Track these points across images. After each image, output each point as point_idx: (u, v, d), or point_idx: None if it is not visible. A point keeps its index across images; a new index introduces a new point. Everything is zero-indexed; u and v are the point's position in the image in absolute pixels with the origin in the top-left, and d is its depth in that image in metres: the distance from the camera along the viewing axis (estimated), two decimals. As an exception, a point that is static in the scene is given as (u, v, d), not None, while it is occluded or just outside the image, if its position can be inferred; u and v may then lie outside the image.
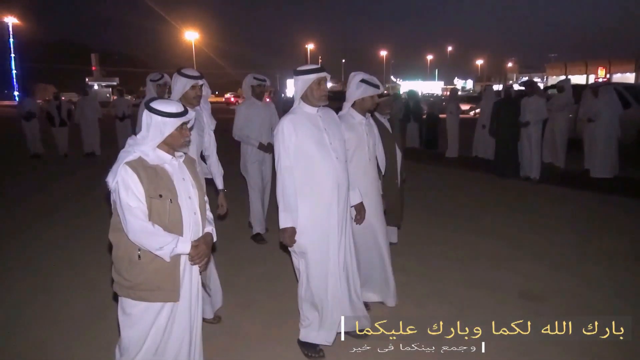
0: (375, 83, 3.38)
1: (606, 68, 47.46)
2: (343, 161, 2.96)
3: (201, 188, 2.40)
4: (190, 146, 3.17)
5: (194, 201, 2.31)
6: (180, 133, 2.23)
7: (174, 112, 2.19)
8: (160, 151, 2.23)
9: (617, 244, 5.14)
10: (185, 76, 3.21)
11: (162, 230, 2.15)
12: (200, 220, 2.34)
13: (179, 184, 2.25)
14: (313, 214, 2.87)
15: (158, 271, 2.20)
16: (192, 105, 3.23)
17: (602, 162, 8.41)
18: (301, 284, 3.01)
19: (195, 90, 3.22)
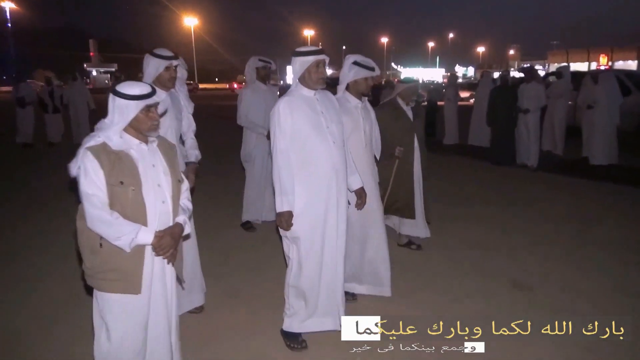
0: (369, 65, 3.27)
1: (608, 56, 47.06)
2: (340, 146, 2.86)
3: (175, 175, 2.28)
4: (168, 131, 3.07)
5: (163, 189, 2.19)
6: (147, 116, 2.11)
7: (138, 94, 2.07)
8: (127, 136, 2.12)
9: (614, 234, 5.04)
10: (158, 57, 3.03)
11: (122, 219, 2.05)
12: (171, 209, 2.23)
13: (146, 171, 2.13)
14: (308, 199, 2.78)
15: (119, 261, 2.10)
16: (167, 88, 3.09)
17: (600, 150, 8.28)
18: (290, 270, 2.92)
19: (169, 71, 3.05)
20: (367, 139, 3.38)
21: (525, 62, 59.52)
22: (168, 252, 2.19)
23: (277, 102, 2.81)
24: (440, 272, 4.11)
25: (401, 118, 4.16)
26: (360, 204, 3.17)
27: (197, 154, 3.34)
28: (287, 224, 2.76)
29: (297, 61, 2.78)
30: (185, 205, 2.36)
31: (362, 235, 3.40)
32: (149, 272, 2.18)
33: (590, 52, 49.93)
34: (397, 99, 4.22)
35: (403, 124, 4.15)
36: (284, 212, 2.74)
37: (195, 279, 3.34)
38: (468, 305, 3.51)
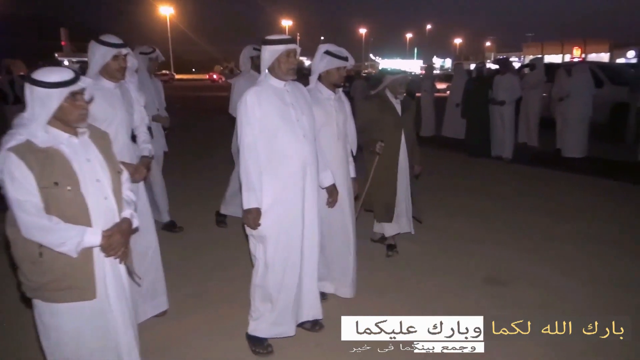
0: (342, 55, 3.12)
1: (582, 48, 47.94)
2: (311, 140, 2.72)
3: (114, 168, 2.10)
4: (120, 127, 2.88)
5: (104, 184, 2.01)
6: (73, 105, 1.91)
7: (59, 80, 1.86)
8: (53, 130, 1.92)
9: (587, 227, 5.04)
10: (105, 44, 2.80)
11: (63, 223, 1.87)
12: (115, 205, 2.05)
13: (81, 167, 1.94)
14: (276, 196, 2.63)
15: (67, 268, 1.93)
16: (116, 79, 2.87)
17: (573, 142, 8.31)
18: (256, 271, 2.78)
19: (118, 61, 2.83)
20: (339, 133, 3.24)
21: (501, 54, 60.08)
22: (119, 251, 2.02)
23: (244, 93, 2.65)
24: (413, 268, 4.02)
25: (388, 112, 3.96)
26: (331, 202, 3.05)
27: (150, 149, 3.14)
28: (255, 222, 2.61)
29: (267, 50, 2.63)
30: (129, 198, 2.19)
31: (331, 233, 3.27)
32: (101, 273, 2.02)
33: (564, 44, 50.76)
34: (385, 91, 4.02)
35: (390, 118, 3.95)
36: (252, 209, 2.60)
37: (159, 281, 3.17)
38: (440, 304, 3.43)
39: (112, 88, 2.88)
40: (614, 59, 42.14)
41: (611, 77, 10.51)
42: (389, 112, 3.96)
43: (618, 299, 3.50)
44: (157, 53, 4.68)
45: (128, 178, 2.26)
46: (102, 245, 1.97)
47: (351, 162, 3.42)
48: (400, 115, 3.98)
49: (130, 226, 2.11)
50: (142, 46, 4.68)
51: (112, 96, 2.87)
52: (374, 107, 3.96)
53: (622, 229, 4.97)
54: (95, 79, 2.81)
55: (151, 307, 3.12)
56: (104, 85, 2.85)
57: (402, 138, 4.00)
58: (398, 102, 3.99)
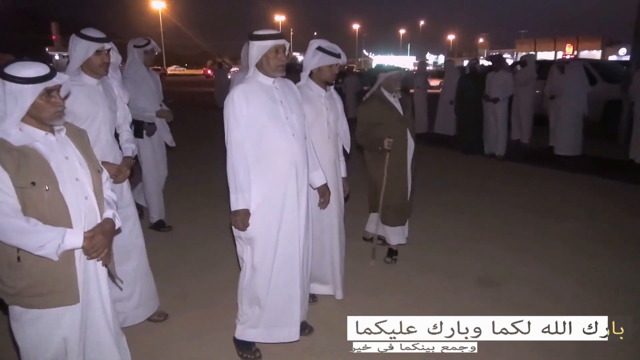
0: (335, 52, 3.03)
1: (574, 45, 48.14)
2: (301, 138, 2.63)
3: (94, 166, 2.00)
4: (102, 124, 2.77)
5: (84, 183, 1.92)
6: (48, 102, 1.82)
7: (33, 76, 1.77)
8: (28, 127, 1.83)
9: (580, 225, 5.00)
10: (87, 38, 2.67)
11: (42, 224, 1.78)
12: (96, 205, 1.96)
13: (59, 165, 1.85)
14: (265, 197, 2.55)
15: (47, 272, 1.84)
16: (99, 74, 2.76)
17: (565, 140, 8.26)
18: (243, 274, 2.69)
19: (100, 56, 2.71)
20: (330, 131, 3.16)
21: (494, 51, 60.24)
22: (102, 252, 1.93)
23: (231, 90, 2.56)
24: (404, 267, 3.96)
25: (389, 111, 3.78)
26: (323, 203, 2.97)
27: (133, 148, 3.03)
28: (243, 224, 2.53)
29: (254, 45, 2.53)
30: (110, 197, 2.10)
31: (319, 233, 3.18)
32: (82, 276, 1.94)
33: (556, 41, 50.94)
34: (381, 90, 3.85)
35: (392, 117, 3.78)
36: (240, 210, 2.51)
37: (149, 283, 3.08)
38: (432, 304, 3.37)
39: (94, 84, 2.77)
40: (606, 56, 42.33)
41: (604, 74, 10.50)
42: (390, 111, 3.79)
43: (611, 299, 3.46)
44: (153, 45, 4.51)
45: (109, 177, 2.18)
46: (84, 247, 1.88)
47: (342, 161, 3.34)
48: (402, 114, 3.83)
49: (114, 227, 2.03)
50: (135, 39, 4.51)
51: (94, 92, 2.76)
52: (374, 109, 3.80)
53: (615, 228, 4.94)
54: (77, 75, 2.72)
55: (143, 311, 3.04)
56: (86, 81, 2.74)
57: (407, 136, 3.84)
58: (397, 101, 3.83)
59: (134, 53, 4.43)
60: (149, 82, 4.44)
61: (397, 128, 3.76)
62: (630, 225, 5.05)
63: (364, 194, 4.19)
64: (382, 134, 3.66)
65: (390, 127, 3.72)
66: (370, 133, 3.72)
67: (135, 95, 4.35)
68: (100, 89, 2.79)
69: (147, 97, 4.42)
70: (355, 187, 4.03)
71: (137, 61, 4.43)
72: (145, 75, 4.45)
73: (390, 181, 3.81)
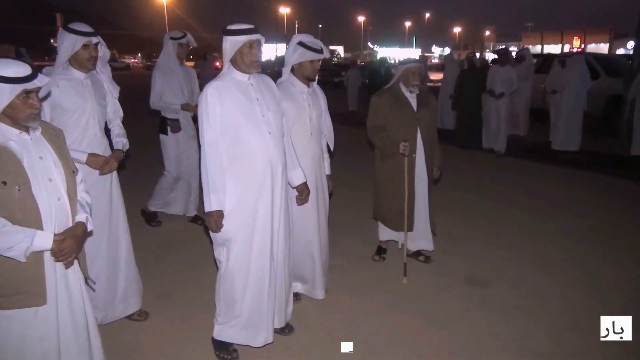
0: (316, 47, 2.96)
1: (581, 38, 47.54)
2: (278, 137, 2.57)
3: (69, 166, 1.97)
4: (91, 118, 2.76)
5: (57, 184, 1.89)
6: (25, 103, 1.79)
7: (13, 76, 1.73)
8: (2, 125, 1.80)
9: (575, 224, 4.91)
10: (74, 32, 2.65)
11: (10, 225, 1.75)
12: (69, 206, 1.93)
13: (32, 165, 1.82)
14: (240, 197, 2.49)
15: (15, 272, 1.81)
16: (87, 69, 2.73)
17: (564, 136, 8.14)
18: (220, 275, 2.65)
19: (88, 50, 2.68)
20: (313, 128, 3.09)
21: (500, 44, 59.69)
22: (70, 257, 1.91)
23: (205, 87, 2.50)
24: (390, 266, 3.90)
25: (402, 107, 3.55)
26: (301, 200, 2.91)
27: (124, 142, 3.00)
28: (217, 225, 2.48)
29: (228, 41, 2.46)
30: (84, 200, 2.06)
31: (300, 233, 3.13)
32: (52, 278, 1.90)
33: (564, 34, 50.38)
34: (399, 84, 3.62)
35: (404, 114, 3.54)
36: (213, 212, 2.46)
37: (132, 280, 3.05)
38: (418, 305, 3.32)
39: (82, 78, 2.76)
40: (613, 50, 41.86)
41: (607, 68, 10.33)
42: (402, 107, 3.56)
43: (600, 299, 3.39)
44: (189, 38, 4.44)
45: (83, 179, 2.14)
46: (52, 250, 1.85)
47: (327, 158, 3.28)
48: (416, 111, 3.58)
49: (85, 231, 2.00)
50: (172, 31, 4.49)
51: (82, 87, 2.75)
52: (385, 102, 3.58)
53: (609, 226, 4.86)
54: (65, 69, 2.72)
55: (122, 308, 3.01)
56: (74, 75, 2.73)
57: (418, 137, 3.59)
58: (414, 97, 3.58)
59: (169, 45, 4.38)
60: (178, 76, 4.40)
61: (406, 127, 3.53)
62: (625, 223, 4.96)
63: (350, 190, 4.14)
64: (394, 135, 3.49)
65: (398, 125, 3.53)
66: (380, 130, 3.56)
67: (162, 87, 4.36)
68: (88, 83, 2.78)
69: (174, 90, 4.39)
70: (340, 183, 3.97)
71: (171, 53, 4.38)
72: (176, 69, 4.41)
73: (392, 184, 3.64)
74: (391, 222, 3.76)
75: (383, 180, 3.70)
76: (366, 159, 7.31)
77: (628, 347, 2.75)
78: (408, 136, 3.51)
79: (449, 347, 2.84)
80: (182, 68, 4.51)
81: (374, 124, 3.60)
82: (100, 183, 2.80)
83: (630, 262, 4.03)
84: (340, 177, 3.47)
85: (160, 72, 4.35)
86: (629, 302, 3.36)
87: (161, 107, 4.41)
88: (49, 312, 1.92)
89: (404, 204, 3.57)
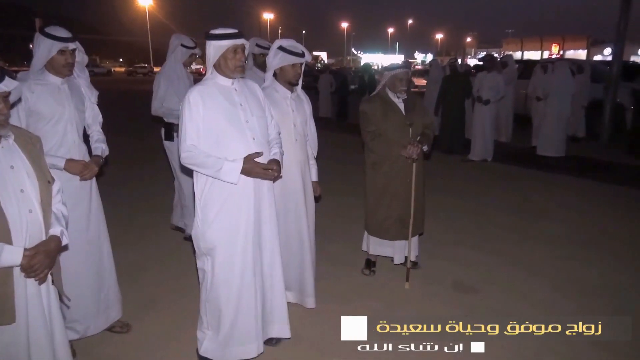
0: (297, 51, 2.93)
1: (560, 44, 48.55)
2: (262, 142, 2.51)
3: (43, 176, 1.86)
4: (69, 124, 2.66)
5: (29, 195, 1.79)
6: None
7: None
8: None
9: (559, 228, 4.95)
10: (51, 37, 2.55)
11: None
12: (42, 218, 1.82)
13: (3, 175, 1.72)
14: (224, 203, 2.42)
15: None
16: (63, 74, 2.64)
17: (550, 141, 8.19)
18: (205, 287, 2.56)
19: (65, 56, 2.60)
20: (298, 134, 3.05)
21: (481, 50, 60.62)
22: (41, 273, 1.79)
23: (188, 92, 2.44)
24: (378, 273, 3.86)
25: (392, 113, 3.49)
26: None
27: (103, 148, 2.90)
28: (257, 165, 2.39)
29: (212, 45, 2.40)
30: (60, 212, 1.95)
31: (288, 240, 3.08)
32: (22, 294, 1.80)
33: (543, 40, 51.35)
34: (385, 90, 3.58)
35: (396, 120, 3.48)
36: (244, 166, 2.36)
37: (112, 290, 2.95)
38: (407, 311, 3.28)
39: (59, 83, 2.66)
40: (591, 56, 42.72)
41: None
42: (392, 113, 3.50)
43: (588, 304, 3.39)
44: (198, 50, 4.36)
45: (61, 189, 2.03)
46: (22, 266, 1.74)
47: (313, 164, 3.24)
48: (405, 115, 3.53)
49: (59, 245, 1.88)
50: (184, 37, 4.35)
51: (58, 92, 2.65)
52: (376, 109, 3.52)
53: (594, 230, 4.90)
54: (41, 74, 2.62)
55: (104, 319, 2.91)
56: (50, 80, 2.64)
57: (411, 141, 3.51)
58: (401, 102, 3.54)
59: (179, 51, 4.26)
60: (185, 82, 4.29)
61: (398, 133, 3.47)
62: (610, 227, 5.01)
63: (338, 197, 4.09)
64: (388, 141, 3.45)
65: (392, 131, 3.47)
66: (378, 136, 3.49)
67: (165, 93, 4.24)
68: (65, 88, 2.69)
69: (180, 96, 4.23)
70: (329, 190, 3.92)
71: (179, 59, 4.28)
72: (182, 75, 4.31)
73: (390, 192, 3.55)
74: (388, 231, 3.63)
75: (377, 190, 3.60)
76: (350, 165, 7.32)
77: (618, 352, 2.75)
78: (402, 141, 3.45)
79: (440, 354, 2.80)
80: (188, 75, 4.44)
81: (370, 129, 3.53)
82: (79, 191, 2.70)
83: (615, 266, 4.06)
84: (323, 182, 3.42)
85: (165, 78, 4.22)
86: (617, 306, 3.37)
87: (164, 113, 4.29)
88: (17, 331, 1.81)
89: (404, 211, 3.52)
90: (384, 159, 3.54)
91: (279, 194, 2.95)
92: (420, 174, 3.58)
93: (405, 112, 3.53)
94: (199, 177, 2.46)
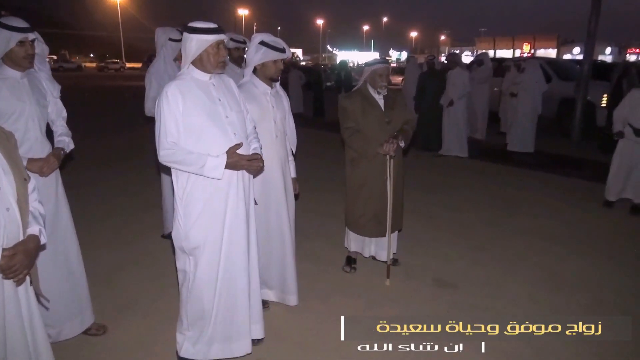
0: (278, 46, 2.87)
1: (531, 44, 49.61)
2: (243, 138, 2.45)
3: (19, 173, 1.77)
4: (30, 120, 2.53)
5: (6, 193, 1.70)
6: None
7: None
8: None
9: (533, 223, 5.04)
10: (8, 28, 2.42)
11: None
12: (19, 217, 1.74)
13: None
14: (206, 202, 2.36)
15: None
16: (23, 67, 2.51)
17: (519, 137, 8.36)
18: (186, 287, 2.49)
19: (24, 47, 2.47)
20: (278, 130, 3.00)
21: (455, 48, 61.42)
22: (21, 273, 1.71)
23: (164, 87, 2.36)
24: (359, 269, 3.85)
25: (371, 110, 3.46)
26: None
27: (67, 141, 2.75)
28: (242, 158, 2.34)
29: (194, 39, 2.32)
30: (37, 210, 1.87)
31: (268, 238, 3.04)
32: (9, 295, 1.72)
33: (515, 39, 52.39)
34: (366, 85, 3.53)
35: (375, 116, 3.44)
36: (227, 161, 2.30)
37: (83, 293, 2.84)
38: (389, 308, 3.28)
39: (18, 78, 2.52)
40: (561, 55, 43.79)
41: (559, 72, 10.74)
42: (372, 109, 3.47)
43: (566, 299, 3.46)
44: None
45: (36, 188, 1.94)
46: (0, 266, 1.66)
47: (291, 161, 3.20)
48: (385, 112, 3.49)
49: (38, 245, 1.81)
50: (170, 30, 4.06)
51: (18, 87, 2.51)
52: (356, 105, 3.47)
53: (569, 225, 4.99)
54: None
55: (79, 323, 2.81)
56: (8, 74, 2.50)
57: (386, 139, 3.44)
58: (381, 98, 3.51)
59: (169, 47, 3.98)
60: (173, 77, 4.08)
61: (376, 130, 3.43)
62: (584, 222, 5.12)
63: (317, 194, 4.06)
64: (367, 138, 3.41)
65: (370, 127, 3.43)
66: (356, 132, 3.45)
67: (158, 92, 4.01)
68: (25, 83, 2.55)
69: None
70: (307, 186, 3.89)
71: (170, 55, 4.00)
72: (174, 73, 3.92)
73: (369, 190, 3.52)
74: (364, 228, 3.61)
75: (355, 187, 3.58)
76: (328, 161, 7.30)
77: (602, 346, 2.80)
78: (380, 138, 3.42)
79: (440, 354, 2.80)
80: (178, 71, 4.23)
81: (348, 125, 3.49)
82: (43, 191, 2.53)
83: (587, 259, 4.15)
84: (301, 179, 3.39)
85: (157, 77, 3.96)
86: (592, 300, 3.45)
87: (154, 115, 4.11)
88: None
89: (380, 208, 3.50)
90: (361, 156, 3.51)
91: (260, 190, 2.91)
92: (399, 170, 3.57)
93: (385, 109, 3.50)
94: (179, 175, 2.39)
